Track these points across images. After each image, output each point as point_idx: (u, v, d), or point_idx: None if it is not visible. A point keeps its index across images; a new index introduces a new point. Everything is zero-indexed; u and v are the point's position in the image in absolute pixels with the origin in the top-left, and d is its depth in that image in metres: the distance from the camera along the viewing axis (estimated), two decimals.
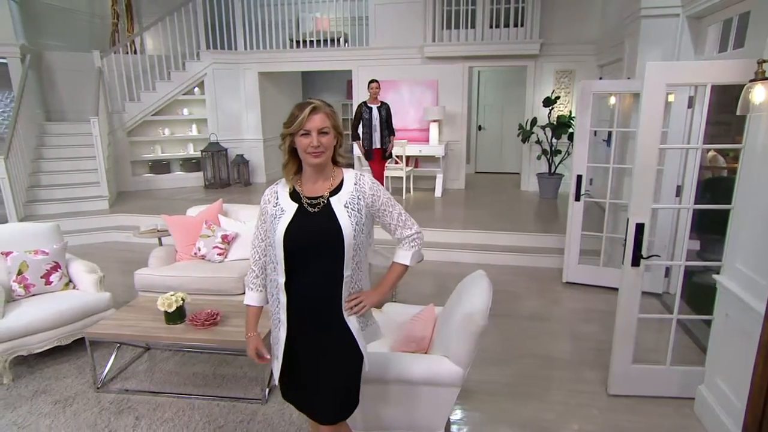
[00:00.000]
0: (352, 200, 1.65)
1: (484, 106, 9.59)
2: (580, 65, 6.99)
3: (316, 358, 1.71)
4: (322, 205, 1.63)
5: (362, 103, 5.95)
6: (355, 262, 1.66)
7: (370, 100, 5.91)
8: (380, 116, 5.93)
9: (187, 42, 7.88)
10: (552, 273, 4.72)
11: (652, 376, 2.76)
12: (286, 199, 1.67)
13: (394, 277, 1.79)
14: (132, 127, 7.73)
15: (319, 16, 8.17)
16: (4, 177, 5.65)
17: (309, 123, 1.56)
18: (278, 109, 9.00)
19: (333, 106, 1.68)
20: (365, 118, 5.90)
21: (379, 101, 5.96)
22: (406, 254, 1.77)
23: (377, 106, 5.93)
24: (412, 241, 1.76)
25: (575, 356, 3.26)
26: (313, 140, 1.56)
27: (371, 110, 5.91)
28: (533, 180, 7.37)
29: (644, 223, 2.53)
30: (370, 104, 5.92)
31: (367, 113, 5.90)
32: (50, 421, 2.59)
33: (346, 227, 1.60)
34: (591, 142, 6.36)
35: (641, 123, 2.44)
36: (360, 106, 5.94)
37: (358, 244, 1.64)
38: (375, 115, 5.92)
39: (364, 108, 5.91)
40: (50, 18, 7.89)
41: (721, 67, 2.33)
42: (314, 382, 1.72)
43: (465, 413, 2.66)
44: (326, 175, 1.67)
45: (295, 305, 1.68)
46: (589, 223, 4.57)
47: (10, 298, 3.19)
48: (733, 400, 2.28)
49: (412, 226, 1.77)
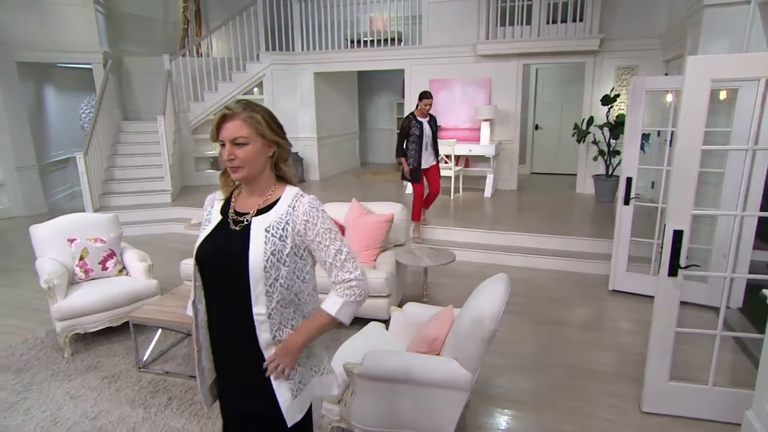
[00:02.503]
0: (278, 224, 1.37)
1: (541, 104, 9.25)
2: (644, 61, 6.55)
3: (232, 408, 1.52)
4: (245, 223, 1.40)
5: (410, 117, 5.23)
6: (274, 300, 1.37)
7: (419, 114, 5.24)
8: (432, 132, 5.30)
9: (248, 44, 8.28)
10: (599, 280, 4.48)
11: (693, 395, 2.55)
12: (217, 209, 1.50)
13: (314, 326, 1.42)
14: (196, 125, 8.23)
15: (375, 16, 8.26)
16: (83, 171, 6.21)
17: (221, 132, 1.35)
18: (333, 109, 9.22)
19: (262, 107, 1.41)
20: (415, 134, 5.16)
21: (428, 115, 5.33)
22: (336, 301, 1.41)
23: (427, 120, 5.28)
24: (348, 289, 1.39)
25: (611, 368, 3.08)
26: (225, 152, 1.35)
27: (421, 125, 5.18)
28: (589, 182, 7.02)
29: (683, 230, 2.35)
30: (420, 118, 5.23)
31: (417, 128, 5.15)
32: (97, 394, 2.84)
33: (256, 254, 1.34)
34: (654, 142, 6.03)
35: (681, 122, 2.26)
36: (408, 120, 5.21)
37: (275, 279, 1.35)
38: (426, 130, 5.22)
39: (414, 122, 5.17)
40: (130, 26, 8.60)
41: None
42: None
43: (483, 418, 2.61)
44: (261, 191, 1.44)
45: (213, 333, 1.49)
46: (644, 228, 4.30)
47: (73, 281, 3.52)
48: None
49: (353, 270, 1.40)
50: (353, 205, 3.91)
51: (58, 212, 4.10)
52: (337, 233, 1.42)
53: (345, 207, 3.99)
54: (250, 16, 8.22)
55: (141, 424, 2.57)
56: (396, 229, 3.87)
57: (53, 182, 8.00)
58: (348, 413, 2.24)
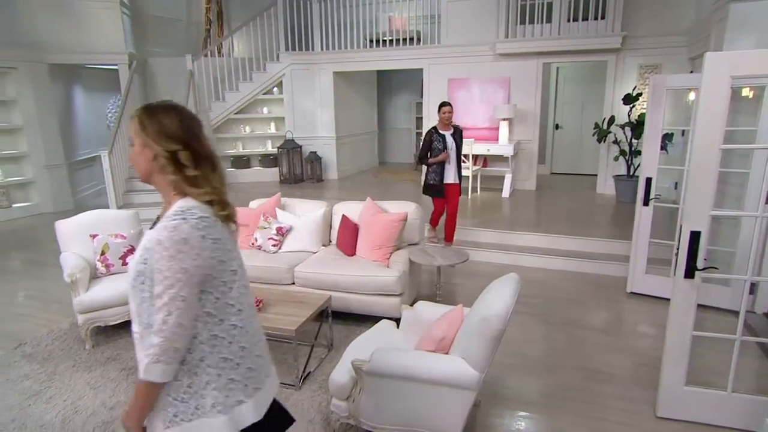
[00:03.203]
0: (149, 242, 1.26)
1: (562, 103, 9.11)
2: (669, 58, 6.40)
3: None
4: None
5: (432, 130, 4.89)
6: (143, 321, 1.26)
7: (441, 126, 4.88)
8: (456, 145, 4.91)
9: (268, 44, 8.38)
10: (617, 282, 4.40)
11: (710, 401, 2.49)
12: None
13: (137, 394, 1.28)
14: (217, 124, 8.37)
15: (394, 16, 8.26)
16: (108, 169, 6.39)
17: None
18: (352, 108, 9.26)
19: (159, 107, 1.31)
20: (438, 149, 4.83)
21: (451, 126, 4.94)
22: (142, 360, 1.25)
23: (450, 132, 4.89)
24: (150, 348, 1.22)
25: (626, 372, 3.03)
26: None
27: (444, 138, 4.83)
28: (610, 182, 6.89)
29: (700, 232, 2.29)
30: (442, 131, 4.87)
31: (439, 142, 4.81)
32: (115, 385, 2.93)
33: (130, 268, 1.29)
34: (678, 142, 5.88)
35: (698, 121, 2.21)
36: (429, 134, 4.87)
37: (142, 299, 1.25)
38: (450, 143, 4.85)
39: (435, 136, 4.83)
40: (154, 27, 8.80)
41: None
42: None
43: (493, 419, 2.59)
44: (164, 199, 1.35)
45: None
46: (666, 230, 4.20)
47: (94, 275, 3.63)
48: None
49: (160, 330, 1.20)
50: (367, 204, 3.93)
51: (84, 209, 4.23)
52: (170, 275, 1.20)
53: (359, 206, 4.02)
54: (271, 16, 8.32)
55: None
56: (410, 228, 3.88)
57: (80, 180, 8.25)
58: (356, 410, 2.25)
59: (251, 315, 1.42)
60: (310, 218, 4.07)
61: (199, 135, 1.33)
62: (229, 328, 1.33)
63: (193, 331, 1.27)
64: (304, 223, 4.05)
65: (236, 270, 1.35)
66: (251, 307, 1.44)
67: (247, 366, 1.37)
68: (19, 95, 7.13)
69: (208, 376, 1.30)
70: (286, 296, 3.24)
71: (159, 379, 1.24)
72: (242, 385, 1.36)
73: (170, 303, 1.20)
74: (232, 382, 1.33)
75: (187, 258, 1.21)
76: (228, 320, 1.33)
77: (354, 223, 3.90)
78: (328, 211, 4.17)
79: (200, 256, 1.23)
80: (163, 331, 1.20)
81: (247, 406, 1.36)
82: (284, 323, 2.84)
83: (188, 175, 1.28)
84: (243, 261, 1.42)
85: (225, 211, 1.33)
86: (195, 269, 1.22)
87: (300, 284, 3.65)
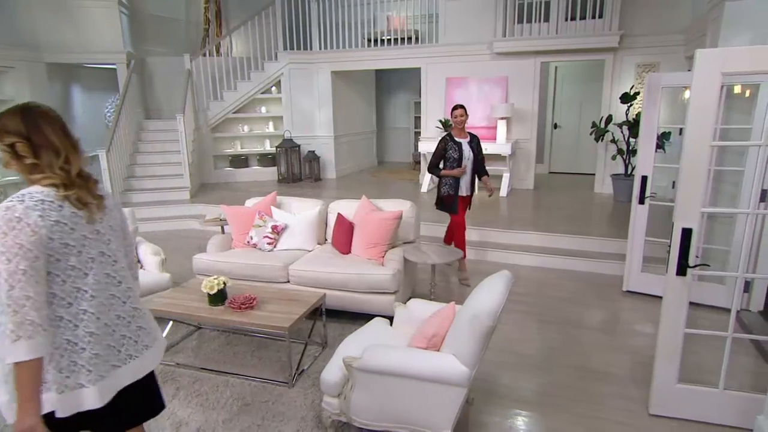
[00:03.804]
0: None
1: (560, 103, 9.10)
2: (666, 57, 6.39)
3: None
4: None
5: (446, 137, 4.35)
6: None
7: (456, 132, 4.36)
8: (473, 154, 4.38)
9: (266, 43, 8.39)
10: (613, 280, 4.40)
11: (702, 398, 2.49)
12: None
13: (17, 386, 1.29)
14: (215, 123, 8.38)
15: (392, 15, 8.26)
16: (105, 168, 6.40)
17: None
18: (350, 108, 9.27)
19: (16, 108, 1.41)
20: (453, 158, 4.27)
21: (467, 133, 4.42)
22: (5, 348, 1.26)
23: (467, 140, 4.37)
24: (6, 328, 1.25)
25: (621, 370, 3.02)
26: None
27: (460, 147, 4.29)
28: (608, 181, 6.89)
29: (692, 229, 2.29)
30: (459, 138, 4.34)
31: (455, 151, 4.26)
32: None
33: None
34: (676, 141, 5.87)
35: (690, 118, 2.20)
36: (443, 142, 4.33)
37: None
38: (466, 152, 4.31)
39: (451, 144, 4.29)
40: (153, 26, 8.80)
41: None
42: None
43: (487, 417, 2.59)
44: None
45: None
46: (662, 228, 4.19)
47: None
48: None
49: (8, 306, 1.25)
50: (362, 202, 3.93)
51: None
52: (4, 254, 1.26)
53: (355, 204, 4.02)
54: (269, 15, 8.32)
55: None
56: (405, 226, 3.88)
57: None
58: (347, 407, 2.25)
59: (111, 305, 1.49)
60: (305, 216, 4.07)
61: (44, 128, 1.40)
62: (78, 313, 1.40)
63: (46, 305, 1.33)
64: (300, 222, 4.05)
65: (94, 258, 1.44)
66: (114, 297, 1.50)
67: (93, 352, 1.42)
68: (17, 95, 7.10)
69: (49, 356, 1.35)
70: (280, 294, 3.24)
71: (27, 356, 1.26)
72: (86, 370, 1.41)
73: (10, 277, 1.25)
74: (74, 365, 1.39)
75: (21, 234, 1.27)
76: (78, 305, 1.40)
77: (349, 222, 3.89)
78: (324, 209, 4.17)
79: (37, 234, 1.29)
80: (11, 305, 1.25)
81: (88, 391, 1.41)
82: (277, 321, 2.83)
83: (27, 163, 1.38)
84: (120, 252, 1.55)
85: (68, 192, 1.38)
86: (31, 245, 1.28)
87: (295, 282, 3.64)
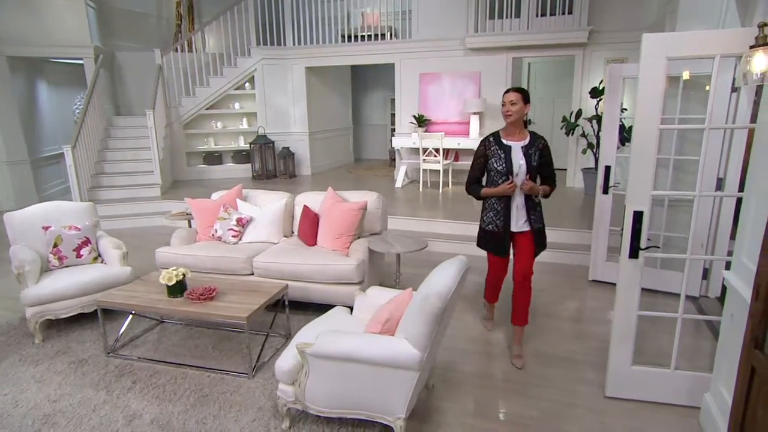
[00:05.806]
0: None
1: (534, 99, 9.16)
2: (634, 53, 6.47)
3: None
4: None
5: (488, 139, 2.93)
6: None
7: (507, 131, 2.89)
8: (528, 165, 2.83)
9: (239, 39, 8.29)
10: (580, 271, 4.46)
11: (655, 379, 2.53)
12: None
13: None
14: (188, 120, 8.25)
15: (367, 11, 8.24)
16: (71, 164, 6.24)
17: None
18: (325, 104, 9.22)
19: None
20: (495, 169, 2.87)
21: (527, 133, 2.88)
22: None
23: (522, 143, 2.86)
24: None
25: (582, 356, 3.05)
26: None
27: (509, 153, 2.84)
28: (579, 176, 6.99)
29: (642, 212, 2.32)
30: (508, 140, 2.87)
31: (499, 159, 2.85)
32: (62, 378, 2.84)
33: None
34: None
35: (638, 102, 2.24)
36: (484, 145, 2.93)
37: None
38: (519, 163, 2.82)
39: (494, 149, 2.88)
40: (122, 21, 8.62)
41: (730, 36, 2.07)
42: None
43: (443, 402, 2.59)
44: None
45: None
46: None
47: (47, 267, 3.53)
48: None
49: None
50: (328, 194, 3.90)
51: None
52: None
53: (321, 196, 3.99)
54: (242, 11, 8.23)
55: (101, 406, 2.57)
56: (371, 217, 3.86)
57: (47, 177, 8.04)
58: (302, 394, 2.23)
59: None
60: (271, 209, 4.03)
61: None
62: None
63: None
64: (266, 214, 4.00)
65: None
66: None
67: None
68: None
69: None
70: (241, 285, 3.20)
71: None
72: None
73: None
74: None
75: None
76: None
77: (314, 213, 3.87)
78: (291, 201, 4.13)
79: None
80: None
81: None
82: (236, 311, 2.79)
83: None
84: None
85: None
86: None
87: (259, 275, 3.60)
